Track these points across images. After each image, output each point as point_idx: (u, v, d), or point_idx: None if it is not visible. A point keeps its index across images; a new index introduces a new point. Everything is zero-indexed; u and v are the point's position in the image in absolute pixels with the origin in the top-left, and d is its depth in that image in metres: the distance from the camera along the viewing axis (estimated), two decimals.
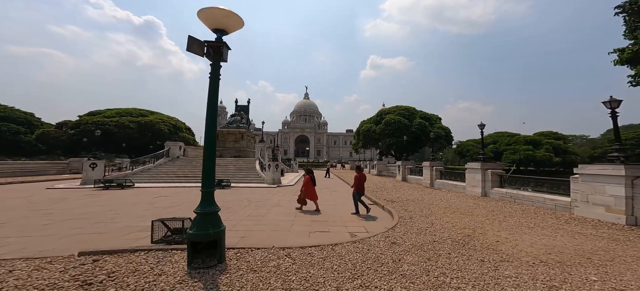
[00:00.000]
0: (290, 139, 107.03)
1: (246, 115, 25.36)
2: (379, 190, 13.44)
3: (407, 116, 40.53)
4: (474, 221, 6.40)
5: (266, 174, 16.30)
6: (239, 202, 9.73)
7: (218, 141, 22.57)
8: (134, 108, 36.72)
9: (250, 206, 9.08)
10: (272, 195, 11.87)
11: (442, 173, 14.94)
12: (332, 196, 11.89)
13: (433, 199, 9.99)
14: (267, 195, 11.76)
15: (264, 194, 11.92)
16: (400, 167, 20.73)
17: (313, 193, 8.03)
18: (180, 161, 18.17)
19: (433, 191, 13.13)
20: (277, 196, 11.64)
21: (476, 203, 8.95)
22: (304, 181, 8.15)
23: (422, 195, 11.28)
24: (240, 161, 19.19)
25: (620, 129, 9.73)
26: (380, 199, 10.37)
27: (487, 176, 10.17)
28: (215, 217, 3.60)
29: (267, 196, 11.58)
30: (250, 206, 9.08)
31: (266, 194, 11.92)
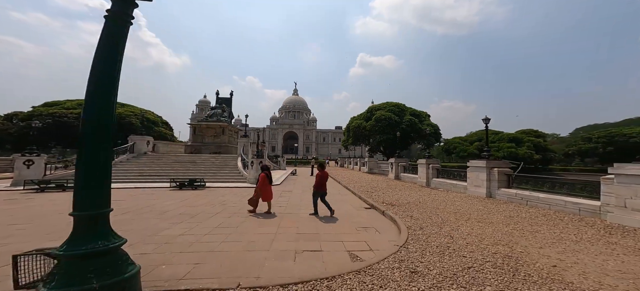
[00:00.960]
0: (279, 136, 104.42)
1: (229, 108, 23.19)
2: (373, 190, 12.20)
3: (398, 113, 39.99)
4: (499, 233, 5.23)
5: (248, 173, 14.55)
6: (210, 207, 8.02)
7: (195, 136, 20.36)
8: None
9: (223, 212, 7.41)
10: None
11: (439, 172, 14.00)
12: None
13: (436, 202, 8.85)
14: (248, 197, 10.10)
15: (244, 196, 10.24)
16: (393, 165, 19.73)
17: (269, 193, 7.31)
18: (147, 158, 15.88)
19: (431, 191, 12.10)
20: None
21: (486, 207, 7.90)
22: (260, 180, 7.24)
23: (421, 197, 10.15)
24: (220, 158, 17.21)
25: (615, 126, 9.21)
26: (377, 201, 9.09)
27: (494, 175, 9.20)
28: (111, 257, 1.99)
29: (248, 198, 9.93)
30: (223, 212, 7.41)
31: (247, 196, 10.26)
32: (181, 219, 6.44)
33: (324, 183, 7.03)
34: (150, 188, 11.46)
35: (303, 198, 10.33)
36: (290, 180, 18.02)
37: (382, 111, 40.16)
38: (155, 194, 10.11)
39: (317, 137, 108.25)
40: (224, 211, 7.56)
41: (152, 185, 12.14)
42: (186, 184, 11.13)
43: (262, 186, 7.20)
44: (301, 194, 11.32)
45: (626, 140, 41.33)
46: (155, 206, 7.91)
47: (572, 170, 43.79)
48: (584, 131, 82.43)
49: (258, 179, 7.46)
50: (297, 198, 10.31)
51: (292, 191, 12.20)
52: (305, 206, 8.64)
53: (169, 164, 15.10)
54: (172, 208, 7.73)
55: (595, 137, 46.14)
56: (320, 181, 6.92)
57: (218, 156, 17.56)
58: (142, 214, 6.90)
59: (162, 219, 6.43)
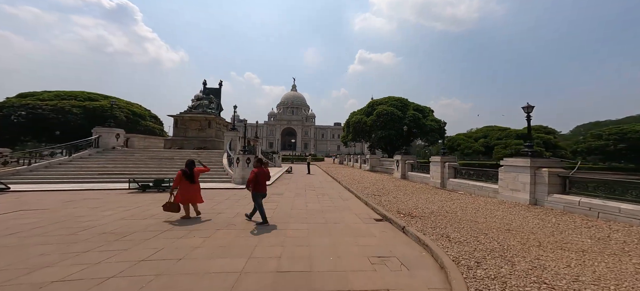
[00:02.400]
0: (277, 132, 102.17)
1: (217, 99, 20.90)
2: (380, 193, 10.13)
3: (400, 107, 37.86)
4: (613, 270, 3.17)
5: (234, 171, 12.42)
6: (164, 219, 5.89)
7: (178, 129, 18.15)
8: (82, 91, 30.41)
9: (176, 229, 5.29)
10: (234, 202, 8.14)
11: (457, 171, 11.93)
12: (320, 204, 8.36)
13: (467, 212, 6.79)
14: (227, 202, 8.01)
15: (222, 201, 8.16)
16: (400, 162, 17.66)
17: (189, 194, 5.96)
18: (115, 154, 13.69)
19: (450, 195, 10.04)
20: (241, 203, 7.93)
21: (543, 220, 5.84)
22: (175, 179, 5.95)
23: (444, 203, 8.09)
24: (203, 154, 15.06)
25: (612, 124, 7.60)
26: (391, 210, 7.03)
27: (541, 176, 7.11)
28: None
29: (227, 203, 7.84)
30: (176, 229, 5.29)
31: (226, 201, 8.17)
32: (99, 243, 4.33)
33: (263, 181, 5.96)
34: (104, 191, 9.32)
35: (295, 204, 8.25)
36: (284, 179, 15.93)
37: (384, 106, 37.97)
38: (102, 199, 7.97)
39: (316, 133, 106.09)
40: (180, 226, 5.45)
41: (110, 187, 9.99)
42: (151, 186, 9.01)
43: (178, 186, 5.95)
44: (293, 198, 9.24)
45: (639, 137, 39.42)
46: (82, 219, 5.77)
47: (596, 169, 41.21)
48: (585, 128, 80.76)
49: (250, 178, 5.95)
50: (287, 203, 8.23)
51: (283, 194, 10.11)
52: (297, 216, 6.57)
53: (141, 161, 12.95)
54: (106, 222, 5.60)
55: (605, 134, 44.24)
56: (255, 179, 5.81)
57: (202, 151, 15.41)
58: (46, 234, 4.77)
59: (68, 243, 4.31)
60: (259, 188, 5.87)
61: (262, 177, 5.93)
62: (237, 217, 6.37)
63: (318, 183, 14.66)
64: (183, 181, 5.89)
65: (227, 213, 6.71)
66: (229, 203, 8.00)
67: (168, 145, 17.12)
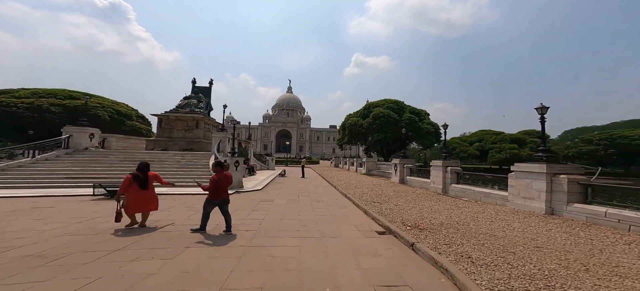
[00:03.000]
0: (271, 134, 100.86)
1: (206, 99, 19.79)
2: (380, 200, 9.33)
3: (397, 110, 37.49)
4: None
5: None
6: (120, 234, 4.86)
7: (162, 129, 16.97)
8: (63, 89, 28.71)
9: (130, 246, 4.28)
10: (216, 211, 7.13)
11: (461, 176, 11.26)
12: (314, 213, 7.46)
13: (479, 223, 6.04)
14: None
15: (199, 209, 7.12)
16: (398, 166, 16.97)
17: (139, 203, 5.14)
18: (87, 155, 12.45)
19: (455, 202, 9.32)
20: None
21: (571, 232, 5.13)
22: (123, 184, 5.10)
23: (451, 212, 7.34)
24: (189, 156, 13.97)
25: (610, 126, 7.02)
26: (394, 220, 6.22)
27: (559, 184, 6.44)
28: None
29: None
30: (130, 246, 4.28)
31: None
32: (11, 271, 3.28)
33: (224, 187, 5.20)
34: (65, 197, 8.14)
35: (286, 212, 7.33)
36: (276, 184, 14.96)
37: (380, 108, 37.53)
38: (57, 208, 6.83)
39: (311, 136, 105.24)
40: (138, 243, 4.46)
41: (75, 192, 8.82)
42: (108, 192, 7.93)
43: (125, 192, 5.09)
44: (285, 206, 8.32)
45: (628, 142, 40.25)
46: (12, 235, 4.64)
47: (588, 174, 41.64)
48: (572, 134, 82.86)
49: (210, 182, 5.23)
50: (277, 212, 7.30)
51: (274, 201, 9.18)
52: (288, 229, 5.68)
53: (117, 164, 11.77)
54: (42, 239, 4.53)
55: (595, 139, 45.01)
56: (214, 187, 5.08)
57: (188, 153, 14.31)
58: None
59: None
60: (219, 194, 5.09)
61: (224, 182, 5.17)
62: (216, 229, 5.42)
63: (313, 187, 13.77)
64: (133, 187, 5.05)
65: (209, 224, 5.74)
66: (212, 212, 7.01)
67: (151, 146, 15.90)
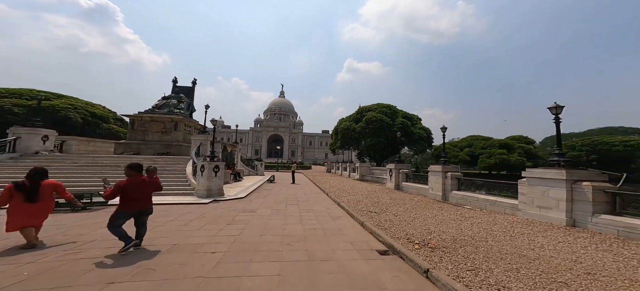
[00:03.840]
0: (263, 139, 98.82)
1: (188, 100, 18.27)
2: (376, 208, 8.31)
3: (389, 114, 37.14)
4: None
5: (198, 181, 10.05)
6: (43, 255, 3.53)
7: (134, 132, 15.34)
8: (30, 89, 26.22)
9: (43, 273, 2.99)
10: (182, 225, 5.83)
11: (462, 182, 10.46)
12: (302, 226, 6.31)
13: (498, 237, 5.13)
14: (171, 226, 5.68)
15: (165, 224, 5.81)
16: (393, 172, 16.12)
17: (23, 219, 4.09)
18: (37, 160, 10.74)
19: (458, 210, 8.45)
20: (192, 227, 5.64)
21: (616, 251, 4.28)
22: (2, 195, 4.10)
23: (460, 224, 6.42)
24: (162, 161, 12.48)
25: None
26: (398, 235, 5.20)
27: (582, 192, 5.65)
28: None
29: (170, 227, 5.52)
30: (43, 273, 2.99)
31: (169, 223, 5.83)
32: None
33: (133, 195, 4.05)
34: None
35: (269, 226, 6.16)
36: (263, 190, 13.69)
37: (373, 113, 37.07)
38: None
39: (304, 141, 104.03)
40: (45, 272, 3.17)
41: None
42: (63, 203, 6.48)
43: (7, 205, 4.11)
44: (269, 218, 7.12)
45: (609, 149, 41.76)
46: None
47: None
48: (552, 140, 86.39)
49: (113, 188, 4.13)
50: (258, 226, 6.10)
51: (257, 212, 7.95)
52: (268, 249, 4.52)
53: (73, 170, 10.14)
54: None
55: (578, 145, 46.52)
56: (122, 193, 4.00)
57: (164, 158, 12.82)
58: None
59: None
60: (132, 204, 4.03)
61: (135, 189, 4.07)
62: (172, 252, 4.18)
63: (303, 194, 12.60)
64: (15, 198, 4.07)
65: (158, 245, 4.46)
66: (173, 227, 5.72)
67: (120, 150, 14.21)
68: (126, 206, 4.06)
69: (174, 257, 3.98)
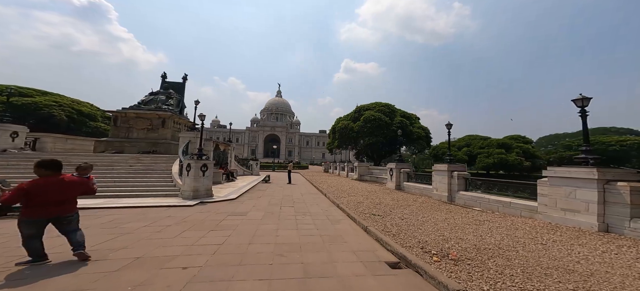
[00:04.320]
0: (259, 138, 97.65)
1: (178, 96, 17.26)
2: (378, 211, 7.55)
3: (388, 113, 36.54)
4: None
5: (184, 182, 9.15)
6: None
7: (117, 128, 14.33)
8: (6, 85, 24.89)
9: None
10: (156, 232, 4.95)
11: (470, 182, 9.77)
12: (298, 232, 5.49)
13: (528, 246, 4.41)
14: (144, 232, 4.80)
15: (137, 230, 4.92)
16: (394, 171, 15.41)
17: None
18: (4, 159, 9.70)
19: (468, 212, 7.75)
20: (168, 234, 4.75)
21: None
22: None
23: (477, 228, 5.69)
24: (147, 160, 11.55)
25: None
26: (410, 244, 4.44)
27: (619, 194, 4.96)
28: None
29: (143, 234, 4.64)
30: None
31: (142, 229, 4.95)
32: None
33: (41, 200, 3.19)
34: None
35: (260, 231, 5.34)
36: (257, 191, 12.84)
37: (371, 111, 36.43)
38: None
39: (301, 140, 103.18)
40: None
41: None
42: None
43: None
44: (260, 222, 6.30)
45: (605, 148, 41.87)
46: None
47: None
48: (546, 140, 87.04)
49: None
50: (248, 232, 5.27)
51: (247, 215, 7.11)
52: (255, 261, 3.70)
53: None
54: None
55: (575, 144, 46.60)
56: (26, 197, 3.12)
57: (147, 156, 11.86)
58: None
59: None
60: (40, 211, 3.19)
61: (48, 192, 3.23)
62: (130, 268, 3.32)
63: (299, 195, 11.78)
64: None
65: (116, 258, 3.60)
66: (144, 234, 4.85)
67: (101, 148, 13.14)
68: (32, 213, 3.19)
69: (131, 275, 3.13)
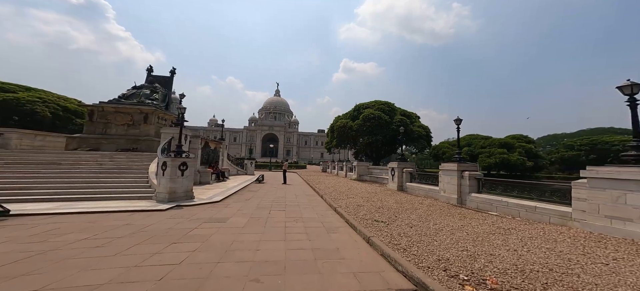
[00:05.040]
0: (257, 138, 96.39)
1: (165, 90, 16.06)
2: (381, 216, 6.48)
3: (388, 112, 35.58)
4: None
5: (160, 182, 8.01)
6: None
7: (93, 124, 13.15)
8: None
9: None
10: (91, 248, 3.80)
11: (482, 183, 8.73)
12: (286, 245, 4.38)
13: (588, 266, 3.35)
14: (68, 251, 3.64)
15: (60, 248, 3.75)
16: (396, 171, 14.35)
17: None
18: None
19: (485, 218, 6.70)
20: (122, 243, 3.58)
21: None
22: None
23: (507, 239, 4.63)
24: (122, 158, 10.39)
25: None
26: (429, 263, 3.34)
27: None
28: None
29: (68, 252, 3.48)
30: None
31: (73, 247, 3.78)
32: None
33: None
34: None
35: (237, 244, 4.24)
36: (247, 193, 11.72)
37: (370, 109, 35.44)
38: None
39: (299, 140, 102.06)
40: None
41: None
42: None
43: None
44: (240, 230, 5.19)
45: (608, 148, 41.12)
46: None
47: (573, 179, 41.83)
48: (544, 140, 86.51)
49: None
50: (221, 244, 4.16)
51: (228, 221, 6.00)
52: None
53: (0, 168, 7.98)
54: None
55: (577, 145, 45.93)
56: None
57: (124, 154, 10.70)
58: None
59: None
60: None
61: None
62: None
63: (293, 197, 10.68)
64: None
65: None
66: (76, 250, 3.71)
67: (73, 145, 11.92)
68: None
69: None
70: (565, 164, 47.88)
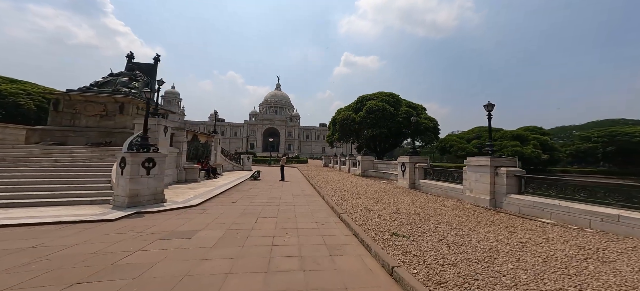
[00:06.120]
0: (258, 132, 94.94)
1: (147, 79, 14.32)
2: (400, 226, 4.84)
3: (393, 103, 33.58)
4: None
5: (119, 182, 6.38)
6: None
7: (59, 115, 11.53)
8: None
9: None
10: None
11: (527, 182, 6.97)
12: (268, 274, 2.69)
13: None
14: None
15: None
16: (407, 166, 12.61)
17: None
18: None
19: (543, 228, 5.04)
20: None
21: None
22: None
23: (609, 268, 2.89)
24: (85, 153, 8.81)
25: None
26: None
27: None
28: None
29: None
30: None
31: None
32: None
33: None
34: None
35: (184, 287, 2.53)
36: (237, 192, 10.12)
37: (374, 101, 33.45)
38: None
39: (300, 134, 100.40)
40: None
41: None
42: None
43: None
44: (205, 253, 3.54)
45: (629, 139, 38.60)
46: None
47: (588, 173, 39.10)
48: (553, 132, 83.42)
49: None
50: (171, 279, 2.48)
51: (193, 237, 4.35)
52: None
53: None
54: None
55: (594, 136, 43.39)
56: None
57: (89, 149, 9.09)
58: None
59: None
60: None
61: None
62: None
63: (289, 198, 9.04)
64: None
65: None
66: None
67: (35, 138, 10.33)
68: None
69: None
70: (581, 156, 45.37)
